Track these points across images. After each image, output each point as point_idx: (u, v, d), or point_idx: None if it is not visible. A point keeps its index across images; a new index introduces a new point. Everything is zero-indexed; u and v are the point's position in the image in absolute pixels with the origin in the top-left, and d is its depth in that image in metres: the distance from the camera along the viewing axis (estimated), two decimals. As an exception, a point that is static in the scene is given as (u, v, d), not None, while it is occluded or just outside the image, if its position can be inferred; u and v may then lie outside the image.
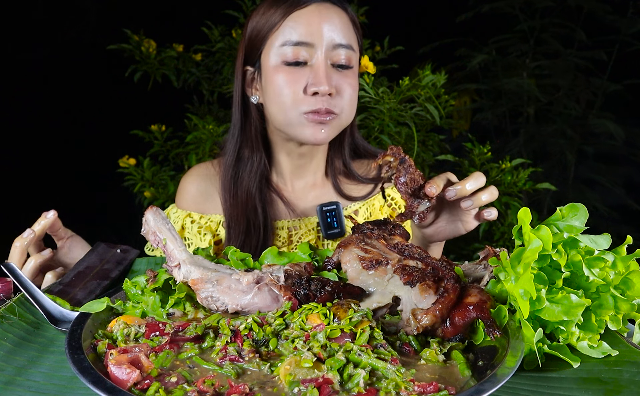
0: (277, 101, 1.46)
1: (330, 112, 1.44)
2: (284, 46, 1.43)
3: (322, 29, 1.43)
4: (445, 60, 3.74)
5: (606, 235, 0.88)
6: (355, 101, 1.53)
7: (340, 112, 1.47)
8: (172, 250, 1.01)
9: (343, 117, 1.49)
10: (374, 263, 0.98)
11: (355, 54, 1.50)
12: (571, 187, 3.87)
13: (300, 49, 1.42)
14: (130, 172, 3.13)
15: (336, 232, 1.59)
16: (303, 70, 1.43)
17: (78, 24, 4.99)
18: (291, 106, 1.43)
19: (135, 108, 3.76)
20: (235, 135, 1.59)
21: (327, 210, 1.58)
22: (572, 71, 3.78)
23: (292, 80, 1.43)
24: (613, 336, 0.90)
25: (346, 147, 1.67)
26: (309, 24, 1.42)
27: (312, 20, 1.43)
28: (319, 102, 1.42)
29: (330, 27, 1.44)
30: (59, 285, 1.13)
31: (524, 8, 3.78)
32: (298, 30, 1.43)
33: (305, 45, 1.42)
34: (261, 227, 1.55)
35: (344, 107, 1.47)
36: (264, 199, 1.59)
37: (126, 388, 0.72)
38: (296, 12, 1.44)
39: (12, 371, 0.84)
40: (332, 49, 1.44)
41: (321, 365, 0.75)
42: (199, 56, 3.39)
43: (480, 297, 0.87)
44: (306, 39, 1.42)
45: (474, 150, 2.70)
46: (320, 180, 1.67)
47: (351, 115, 1.53)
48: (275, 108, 1.47)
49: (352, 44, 1.48)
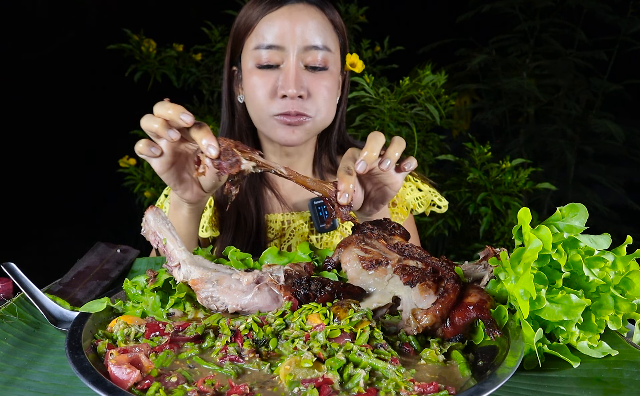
0: (251, 103, 1.50)
1: (301, 114, 1.45)
2: (257, 49, 1.46)
3: (294, 31, 1.43)
4: (445, 60, 3.74)
5: (606, 235, 0.88)
6: (333, 102, 1.52)
7: (315, 115, 1.47)
8: (172, 250, 1.01)
9: (318, 119, 1.49)
10: (374, 263, 0.98)
11: (333, 54, 1.50)
12: (571, 187, 3.86)
13: (272, 52, 1.44)
14: (130, 172, 3.13)
15: (328, 226, 1.60)
16: (275, 73, 1.45)
17: (78, 23, 4.99)
18: (263, 108, 1.47)
19: (135, 108, 3.76)
20: (224, 134, 1.62)
21: (317, 204, 1.59)
22: (572, 71, 3.78)
23: (264, 83, 1.45)
24: (613, 336, 0.90)
25: (333, 144, 1.68)
26: (281, 27, 1.44)
27: (284, 22, 1.44)
28: (289, 105, 1.44)
29: (303, 29, 1.44)
30: (59, 285, 1.13)
31: (524, 8, 3.78)
32: (270, 33, 1.44)
33: (276, 48, 1.44)
34: (254, 220, 1.57)
35: (319, 109, 1.47)
36: (256, 193, 1.60)
37: (126, 388, 0.72)
38: (269, 15, 1.45)
39: (12, 371, 0.84)
40: (304, 50, 1.44)
41: (321, 365, 0.75)
42: (199, 56, 3.39)
43: (480, 297, 0.87)
44: (277, 42, 1.44)
45: (474, 150, 2.70)
46: (310, 175, 1.69)
47: (328, 116, 1.53)
48: (251, 109, 1.52)
49: (329, 44, 1.48)
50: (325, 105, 1.49)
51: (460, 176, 2.82)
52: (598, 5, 3.67)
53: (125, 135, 3.28)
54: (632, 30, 3.67)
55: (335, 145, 1.68)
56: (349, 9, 3.28)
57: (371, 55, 3.26)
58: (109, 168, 3.37)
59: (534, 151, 3.91)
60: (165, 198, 1.73)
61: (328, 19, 1.50)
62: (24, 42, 4.90)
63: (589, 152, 3.91)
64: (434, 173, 3.01)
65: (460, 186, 2.80)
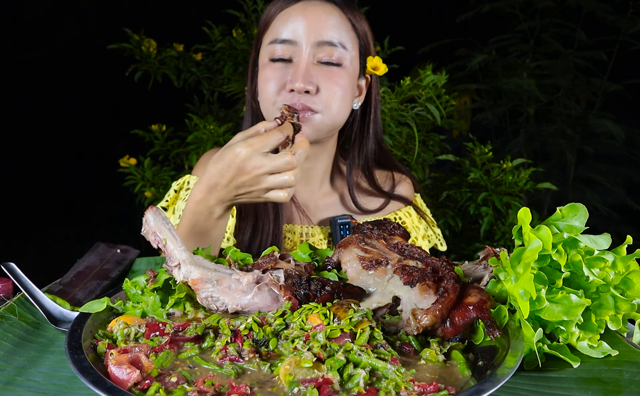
0: (261, 96, 1.50)
1: (308, 108, 1.43)
2: (272, 44, 1.47)
3: (309, 26, 1.44)
4: (445, 60, 3.74)
5: (606, 235, 0.88)
6: (345, 101, 1.49)
7: (323, 110, 1.44)
8: (172, 250, 1.01)
9: (327, 115, 1.46)
10: (374, 263, 0.98)
11: (349, 52, 1.48)
12: (571, 187, 3.86)
13: (285, 46, 1.45)
14: (130, 172, 3.13)
15: None
16: (286, 67, 1.45)
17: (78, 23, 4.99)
18: (270, 101, 1.46)
19: (136, 108, 3.76)
20: None
21: (341, 222, 1.57)
22: (572, 71, 3.78)
23: (275, 76, 1.45)
24: (613, 336, 0.90)
25: (369, 159, 1.65)
26: (295, 22, 1.45)
27: (299, 17, 1.45)
28: (295, 98, 1.43)
29: (317, 24, 1.44)
30: (59, 285, 1.13)
31: (524, 8, 3.78)
32: (285, 27, 1.45)
33: (290, 43, 1.45)
34: (271, 226, 1.53)
35: (328, 105, 1.44)
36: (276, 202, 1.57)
37: (126, 388, 0.72)
38: (285, 10, 1.47)
39: (12, 371, 0.84)
40: (317, 45, 1.44)
41: (321, 365, 0.75)
42: (199, 56, 3.39)
43: (480, 297, 0.87)
44: (291, 36, 1.44)
45: (475, 150, 2.70)
46: (327, 188, 1.67)
47: (339, 115, 1.49)
48: (261, 103, 1.52)
49: (344, 41, 1.46)
50: (335, 102, 1.45)
51: (461, 176, 2.82)
52: (598, 5, 3.66)
53: (125, 135, 3.28)
54: (632, 30, 3.67)
55: (371, 158, 1.65)
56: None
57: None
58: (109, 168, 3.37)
59: (534, 151, 3.91)
60: (175, 193, 1.67)
61: (346, 18, 1.49)
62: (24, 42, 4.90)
63: (589, 152, 3.90)
64: (434, 173, 3.01)
65: (461, 186, 2.80)
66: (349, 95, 1.50)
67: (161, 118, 3.32)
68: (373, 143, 1.65)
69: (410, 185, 1.75)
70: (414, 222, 1.69)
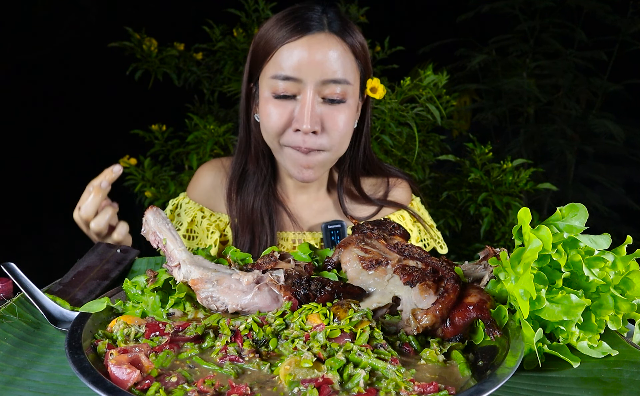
0: (265, 131, 1.50)
1: (316, 150, 1.46)
2: (274, 78, 1.43)
3: (313, 63, 1.40)
4: (445, 60, 3.73)
5: (606, 235, 0.88)
6: (348, 134, 1.52)
7: (329, 148, 1.47)
8: (172, 250, 1.01)
9: (333, 152, 1.50)
10: (374, 263, 0.98)
11: (352, 86, 1.47)
12: (571, 187, 3.86)
13: (288, 83, 1.42)
14: (130, 172, 3.12)
15: None
16: (290, 104, 1.44)
17: (79, 22, 4.99)
18: (275, 137, 1.47)
19: (136, 107, 3.76)
20: (241, 150, 1.62)
21: (331, 228, 1.58)
22: (572, 71, 3.78)
23: (278, 113, 1.44)
24: (613, 336, 0.90)
25: (357, 168, 1.67)
26: (300, 58, 1.40)
27: (303, 54, 1.40)
28: (300, 140, 1.44)
29: (322, 61, 1.41)
30: (59, 285, 1.13)
31: (524, 8, 3.78)
32: (289, 63, 1.41)
33: (294, 80, 1.41)
34: (268, 236, 1.56)
35: (334, 142, 1.47)
36: (270, 211, 1.59)
37: (126, 388, 0.72)
38: (289, 44, 1.42)
39: (12, 371, 0.84)
40: (322, 84, 1.42)
41: (321, 365, 0.75)
42: (200, 55, 3.39)
43: (480, 297, 0.87)
44: (295, 74, 1.41)
45: (475, 150, 2.70)
46: (323, 195, 1.68)
47: (344, 146, 1.53)
48: (265, 135, 1.52)
49: (348, 77, 1.45)
50: (340, 139, 1.48)
51: (461, 176, 2.82)
52: (598, 5, 3.66)
53: (125, 134, 3.27)
54: (632, 30, 3.67)
55: (359, 169, 1.67)
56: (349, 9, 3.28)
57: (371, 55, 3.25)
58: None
59: (534, 151, 3.91)
60: (170, 213, 1.73)
61: (349, 48, 1.46)
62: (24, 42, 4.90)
63: (589, 152, 3.90)
64: (435, 173, 3.01)
65: (461, 186, 2.79)
66: (351, 125, 1.52)
67: (161, 118, 3.32)
68: (362, 155, 1.66)
69: (405, 188, 1.75)
70: (407, 226, 1.70)
